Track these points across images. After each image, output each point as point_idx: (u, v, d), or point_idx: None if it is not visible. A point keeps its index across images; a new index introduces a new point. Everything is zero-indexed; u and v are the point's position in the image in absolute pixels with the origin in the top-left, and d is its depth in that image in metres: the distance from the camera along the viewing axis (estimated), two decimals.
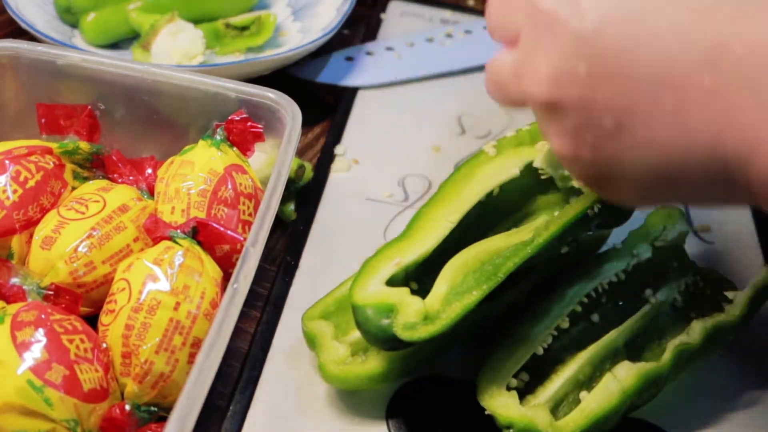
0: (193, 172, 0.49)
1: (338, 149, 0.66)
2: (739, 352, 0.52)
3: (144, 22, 0.70)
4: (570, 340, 0.49)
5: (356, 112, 0.71)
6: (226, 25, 0.74)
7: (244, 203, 0.49)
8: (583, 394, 0.46)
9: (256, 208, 0.50)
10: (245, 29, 0.74)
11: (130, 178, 0.53)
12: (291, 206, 0.60)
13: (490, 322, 0.49)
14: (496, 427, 0.45)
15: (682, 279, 0.52)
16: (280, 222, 0.59)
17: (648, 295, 0.51)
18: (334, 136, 0.67)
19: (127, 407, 0.42)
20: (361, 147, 0.67)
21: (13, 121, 0.56)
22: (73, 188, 0.51)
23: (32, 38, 0.66)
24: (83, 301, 0.45)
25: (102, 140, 0.55)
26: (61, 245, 0.46)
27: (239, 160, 0.51)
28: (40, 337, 0.40)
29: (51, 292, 0.44)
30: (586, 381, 0.47)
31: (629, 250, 0.51)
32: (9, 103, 0.55)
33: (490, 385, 0.45)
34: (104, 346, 0.43)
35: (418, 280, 0.48)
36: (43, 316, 0.41)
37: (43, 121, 0.53)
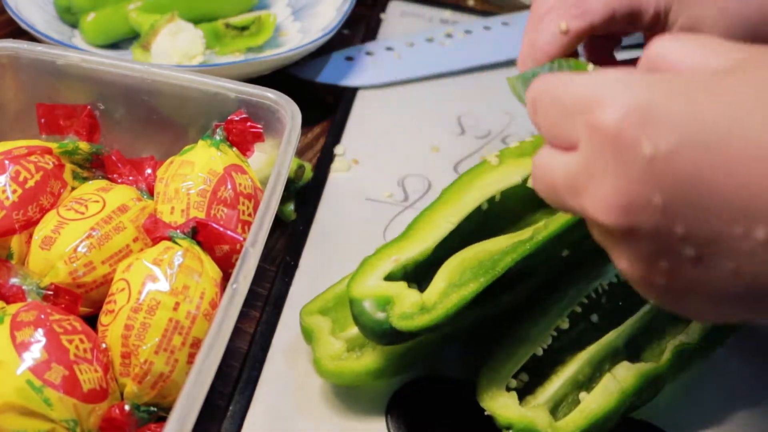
0: (193, 172, 0.49)
1: (338, 149, 0.66)
2: (739, 352, 0.52)
3: (144, 22, 0.70)
4: (570, 340, 0.49)
5: (356, 112, 0.70)
6: (226, 25, 0.74)
7: (243, 203, 0.49)
8: (583, 395, 0.46)
9: (256, 208, 0.50)
10: (245, 29, 0.74)
11: (130, 179, 0.53)
12: (291, 206, 0.60)
13: (489, 322, 0.49)
14: (495, 428, 0.45)
15: None
16: (279, 222, 0.59)
17: None
18: (334, 136, 0.67)
19: (127, 407, 0.42)
20: (361, 147, 0.67)
21: (13, 121, 0.56)
22: (73, 188, 0.51)
23: (32, 38, 0.66)
24: (83, 302, 0.45)
25: (102, 140, 0.55)
26: (60, 245, 0.46)
27: (239, 161, 0.51)
28: (40, 338, 0.40)
29: (50, 293, 0.44)
30: (586, 381, 0.47)
31: None
32: (9, 103, 0.55)
33: (490, 386, 0.45)
34: (104, 346, 0.43)
35: (417, 283, 0.47)
36: (43, 317, 0.41)
37: (43, 121, 0.53)
